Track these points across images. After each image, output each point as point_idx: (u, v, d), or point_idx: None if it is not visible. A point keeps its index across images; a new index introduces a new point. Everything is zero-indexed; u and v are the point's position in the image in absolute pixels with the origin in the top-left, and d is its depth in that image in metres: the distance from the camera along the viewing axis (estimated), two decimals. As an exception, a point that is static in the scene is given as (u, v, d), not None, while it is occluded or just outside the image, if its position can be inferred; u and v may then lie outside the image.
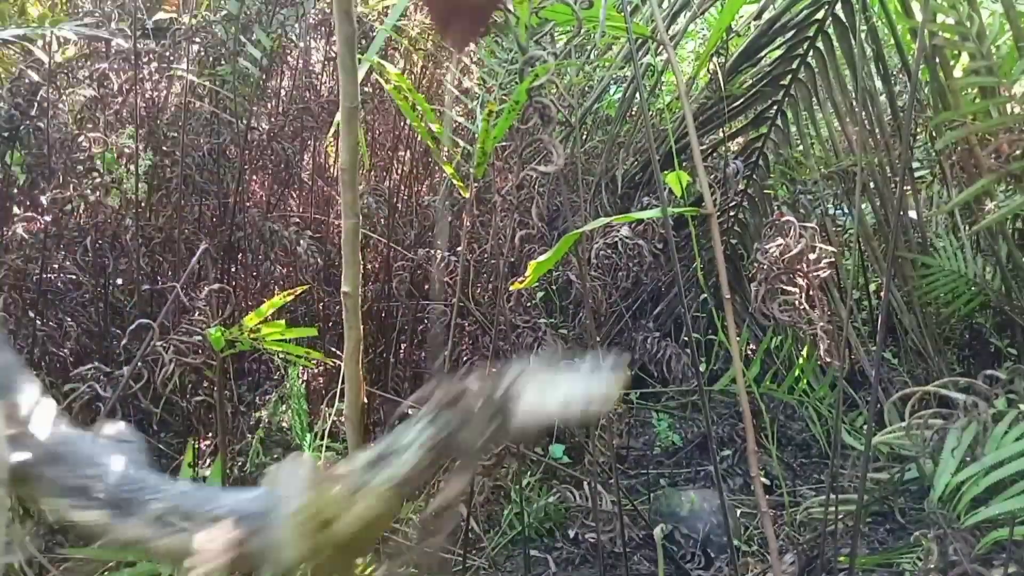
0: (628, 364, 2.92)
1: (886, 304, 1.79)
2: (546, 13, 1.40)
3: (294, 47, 3.23)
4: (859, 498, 1.47)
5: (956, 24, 1.73)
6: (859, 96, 2.25)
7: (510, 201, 1.57)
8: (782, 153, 2.95)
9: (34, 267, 2.26)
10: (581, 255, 1.82)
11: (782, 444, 2.76)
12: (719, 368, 3.00)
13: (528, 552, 2.14)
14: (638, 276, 2.70)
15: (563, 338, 2.61)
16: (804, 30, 2.64)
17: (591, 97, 2.89)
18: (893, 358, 2.93)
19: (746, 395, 1.42)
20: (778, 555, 1.45)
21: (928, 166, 3.20)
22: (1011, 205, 1.99)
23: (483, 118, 1.43)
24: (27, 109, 2.24)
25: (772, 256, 1.63)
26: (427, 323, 2.88)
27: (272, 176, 3.17)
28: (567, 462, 2.60)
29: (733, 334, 1.41)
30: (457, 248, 2.45)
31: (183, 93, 2.67)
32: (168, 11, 2.83)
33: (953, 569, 1.35)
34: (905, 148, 1.70)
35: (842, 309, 2.54)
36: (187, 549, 0.59)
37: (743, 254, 3.20)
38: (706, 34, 3.85)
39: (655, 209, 2.16)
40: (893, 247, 1.85)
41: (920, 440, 1.55)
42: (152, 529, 0.61)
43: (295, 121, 3.15)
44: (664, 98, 3.24)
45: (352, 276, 1.19)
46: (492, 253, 2.29)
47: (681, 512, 2.32)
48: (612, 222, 2.13)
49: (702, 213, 1.44)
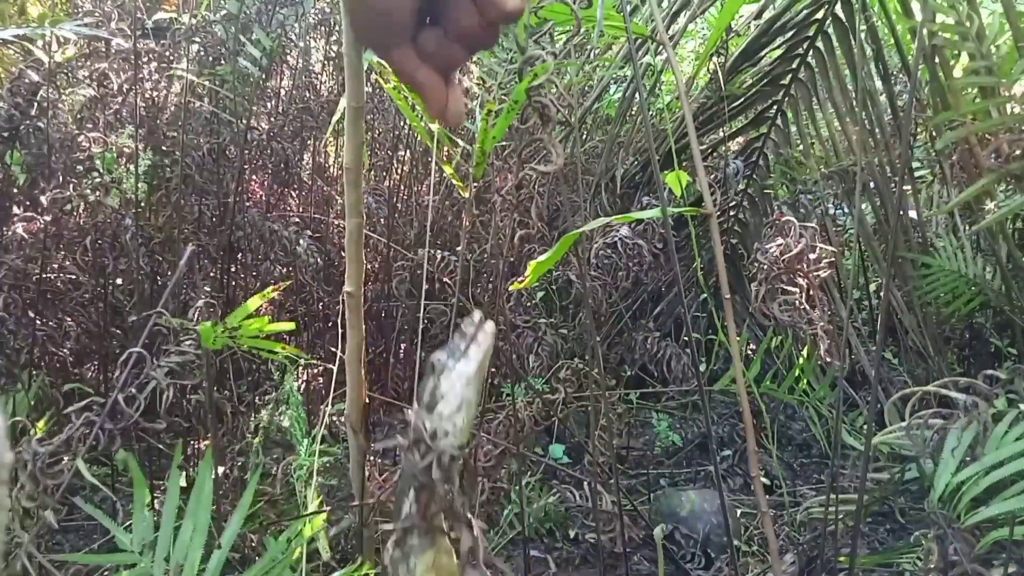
0: (628, 364, 2.92)
1: (886, 304, 1.79)
2: (545, 13, 1.40)
3: (294, 47, 3.23)
4: (859, 498, 1.47)
5: (956, 24, 1.73)
6: (859, 96, 2.25)
7: (510, 201, 1.57)
8: (782, 153, 2.95)
9: (34, 267, 2.26)
10: (581, 255, 1.81)
11: (782, 444, 2.76)
12: (719, 368, 3.00)
13: (528, 552, 2.14)
14: (638, 276, 2.70)
15: (563, 338, 2.61)
16: (804, 30, 2.64)
17: (591, 97, 2.89)
18: (893, 358, 2.93)
19: (746, 395, 1.42)
20: (778, 555, 1.45)
21: (928, 166, 3.20)
22: (1011, 205, 1.99)
23: (482, 118, 1.43)
24: (27, 109, 2.24)
25: (772, 256, 1.63)
26: (427, 323, 2.88)
27: (272, 176, 3.17)
28: (567, 462, 2.60)
29: (733, 334, 1.41)
30: (457, 248, 2.45)
31: (183, 93, 2.67)
32: (168, 11, 2.83)
33: (953, 569, 1.34)
34: (905, 148, 1.70)
35: (842, 309, 2.54)
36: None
37: (743, 254, 3.20)
38: (706, 34, 3.85)
39: (655, 209, 2.15)
40: (893, 247, 1.85)
41: (920, 440, 1.55)
42: None
43: (295, 121, 3.15)
44: (664, 98, 3.24)
45: (356, 276, 1.19)
46: (492, 253, 2.29)
47: (681, 512, 2.32)
48: (612, 222, 2.13)
49: (702, 213, 1.44)
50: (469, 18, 0.53)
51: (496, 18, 0.53)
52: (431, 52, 0.56)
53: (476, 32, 0.54)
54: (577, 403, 2.18)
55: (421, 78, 0.57)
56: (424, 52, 0.56)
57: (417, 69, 0.56)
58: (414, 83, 0.57)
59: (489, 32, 0.55)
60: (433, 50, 0.56)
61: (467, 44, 0.56)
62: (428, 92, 0.57)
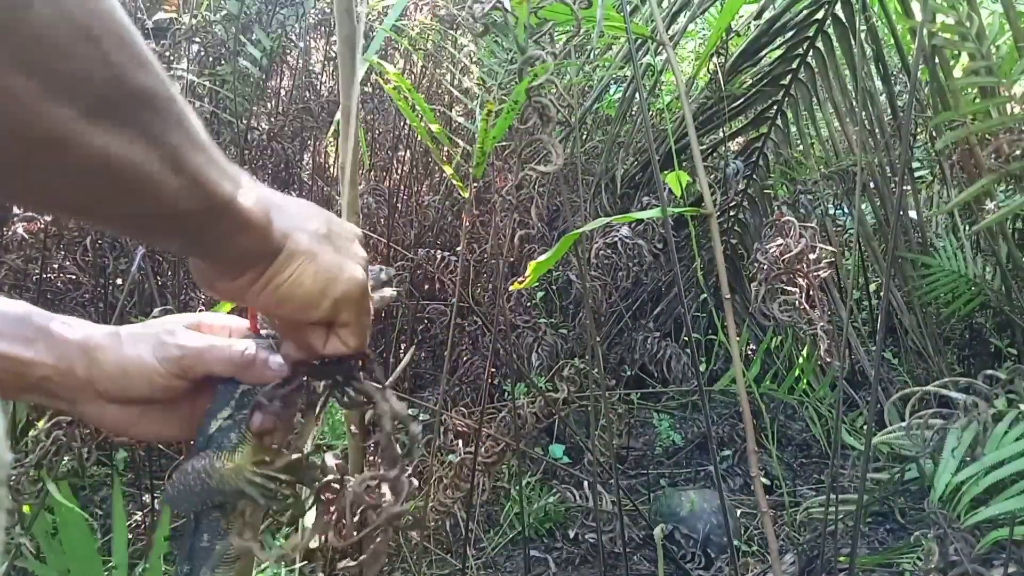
0: (628, 364, 2.92)
1: (886, 304, 1.79)
2: (545, 13, 1.40)
3: (294, 47, 3.23)
4: (859, 498, 1.47)
5: (956, 24, 1.73)
6: (859, 96, 2.25)
7: (510, 201, 1.57)
8: (782, 153, 2.95)
9: (34, 267, 2.26)
10: (581, 255, 1.82)
11: (782, 444, 2.76)
12: (719, 368, 3.00)
13: (528, 552, 2.14)
14: (638, 276, 2.70)
15: (563, 338, 2.61)
16: (804, 30, 2.64)
17: (591, 97, 2.89)
18: (893, 358, 2.93)
19: (746, 395, 1.42)
20: (778, 555, 1.45)
21: (928, 166, 3.20)
22: (1011, 205, 1.99)
23: (482, 118, 1.43)
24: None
25: (772, 256, 1.63)
26: (427, 323, 2.88)
27: (272, 176, 3.17)
28: (567, 462, 2.60)
29: (733, 334, 1.41)
30: (457, 248, 2.45)
31: (183, 93, 2.66)
32: (168, 11, 2.83)
33: (953, 569, 1.34)
34: (905, 148, 1.70)
35: (842, 309, 2.54)
36: None
37: (743, 254, 3.20)
38: (706, 34, 3.85)
39: (655, 209, 2.16)
40: (893, 247, 1.85)
41: (920, 440, 1.55)
42: None
43: (295, 121, 3.15)
44: (664, 98, 3.23)
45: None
46: (492, 253, 2.29)
47: (681, 512, 2.32)
48: (612, 222, 2.13)
49: (702, 213, 1.44)
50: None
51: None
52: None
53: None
54: (577, 403, 2.18)
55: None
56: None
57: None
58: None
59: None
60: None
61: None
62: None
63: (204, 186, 0.42)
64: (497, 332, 2.08)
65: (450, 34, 2.53)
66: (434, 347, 3.04)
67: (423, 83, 3.27)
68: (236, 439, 0.57)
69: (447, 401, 2.51)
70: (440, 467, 1.99)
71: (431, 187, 3.35)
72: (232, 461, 0.56)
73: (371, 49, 1.67)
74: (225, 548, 0.57)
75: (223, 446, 0.57)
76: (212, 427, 0.58)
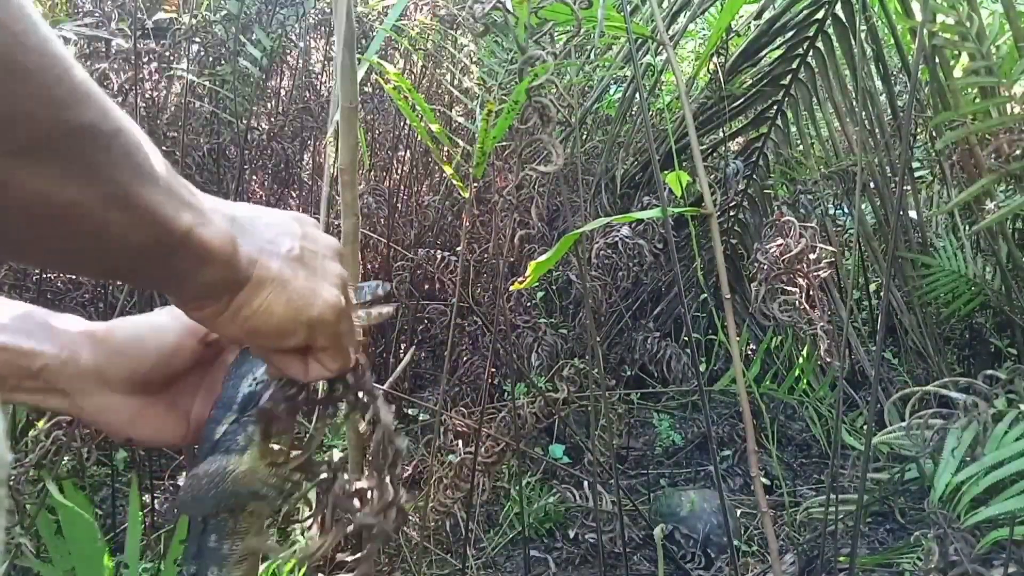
0: (628, 364, 2.92)
1: (886, 304, 1.79)
2: (545, 13, 1.40)
3: (294, 47, 3.23)
4: (859, 498, 1.47)
5: (956, 24, 1.73)
6: (859, 96, 2.25)
7: (510, 201, 1.57)
8: (782, 153, 2.95)
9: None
10: (581, 255, 1.82)
11: (782, 444, 2.76)
12: (719, 368, 3.00)
13: (528, 552, 2.14)
14: (638, 276, 2.70)
15: (563, 338, 2.61)
16: (804, 30, 2.64)
17: (591, 97, 2.89)
18: (893, 358, 2.93)
19: (746, 395, 1.42)
20: (778, 555, 1.45)
21: (928, 166, 3.20)
22: (1011, 205, 1.99)
23: (482, 118, 1.43)
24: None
25: (772, 256, 1.63)
26: (427, 323, 2.88)
27: (272, 176, 3.17)
28: (567, 462, 2.60)
29: (733, 334, 1.41)
30: (457, 248, 2.45)
31: (183, 93, 2.67)
32: (168, 11, 2.83)
33: (953, 569, 1.34)
34: (905, 148, 1.70)
35: (842, 309, 2.54)
36: None
37: (743, 254, 3.20)
38: (706, 34, 3.85)
39: (655, 209, 2.16)
40: (893, 247, 1.85)
41: (920, 440, 1.55)
42: None
43: (295, 121, 3.15)
44: (664, 98, 3.24)
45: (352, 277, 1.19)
46: (492, 253, 2.29)
47: (681, 512, 2.32)
48: (612, 222, 2.13)
49: (702, 213, 1.44)
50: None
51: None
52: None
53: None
54: (577, 403, 2.18)
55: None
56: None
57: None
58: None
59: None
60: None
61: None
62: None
63: (156, 221, 0.40)
64: (497, 332, 2.08)
65: (450, 34, 2.53)
66: (434, 347, 3.04)
67: (423, 83, 3.27)
68: (243, 442, 0.57)
69: (447, 401, 2.51)
70: (440, 467, 1.99)
71: (431, 187, 3.35)
72: (243, 464, 0.56)
73: (371, 49, 1.67)
74: (232, 548, 0.57)
75: (231, 449, 0.57)
76: (217, 432, 0.58)
